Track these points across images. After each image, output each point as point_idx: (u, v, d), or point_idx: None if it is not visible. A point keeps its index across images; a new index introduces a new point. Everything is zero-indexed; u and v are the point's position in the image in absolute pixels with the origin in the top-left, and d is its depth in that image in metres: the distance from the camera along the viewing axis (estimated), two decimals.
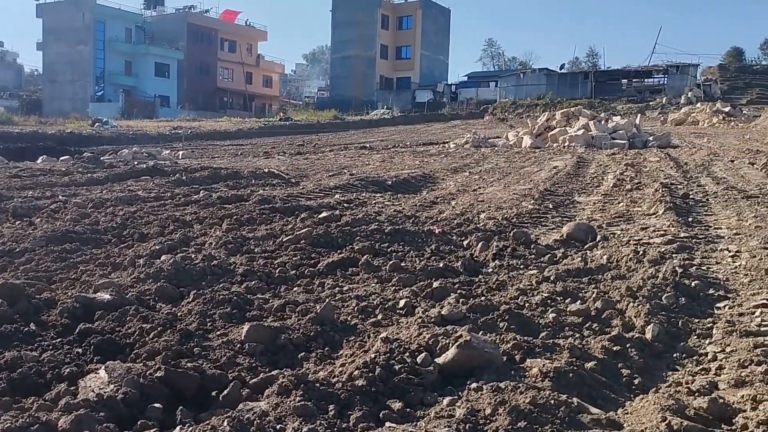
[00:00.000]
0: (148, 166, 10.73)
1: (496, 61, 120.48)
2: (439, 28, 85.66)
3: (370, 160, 15.07)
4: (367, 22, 79.44)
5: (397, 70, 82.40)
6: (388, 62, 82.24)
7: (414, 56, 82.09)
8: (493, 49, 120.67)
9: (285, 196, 7.50)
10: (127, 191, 7.90)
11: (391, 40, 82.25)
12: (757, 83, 56.19)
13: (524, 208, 7.01)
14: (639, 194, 8.11)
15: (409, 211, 6.95)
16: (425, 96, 74.83)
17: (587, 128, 20.33)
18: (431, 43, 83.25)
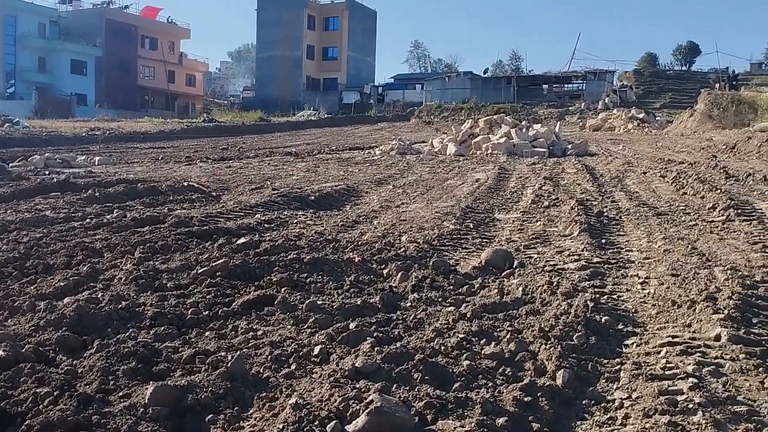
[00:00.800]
0: (59, 179, 10.28)
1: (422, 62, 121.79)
2: (366, 30, 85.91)
3: (294, 169, 14.91)
4: (293, 23, 78.96)
5: (324, 71, 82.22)
6: (315, 63, 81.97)
7: (341, 57, 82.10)
8: (419, 50, 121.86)
9: (203, 217, 7.31)
10: (35, 211, 7.54)
11: (317, 41, 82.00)
12: (670, 88, 58.81)
13: (446, 228, 7.05)
14: (556, 212, 8.28)
15: (331, 232, 6.88)
16: (352, 97, 74.96)
17: (509, 136, 20.74)
18: (358, 44, 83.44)
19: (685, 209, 8.45)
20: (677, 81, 61.80)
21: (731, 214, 7.69)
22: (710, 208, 8.33)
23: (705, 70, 77.55)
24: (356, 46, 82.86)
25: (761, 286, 4.77)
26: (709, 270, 5.16)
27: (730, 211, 7.87)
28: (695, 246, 6.10)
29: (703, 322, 3.87)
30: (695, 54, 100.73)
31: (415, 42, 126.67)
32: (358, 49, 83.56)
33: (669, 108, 51.57)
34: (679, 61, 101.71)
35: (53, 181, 10.05)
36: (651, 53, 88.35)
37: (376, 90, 79.11)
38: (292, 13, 78.28)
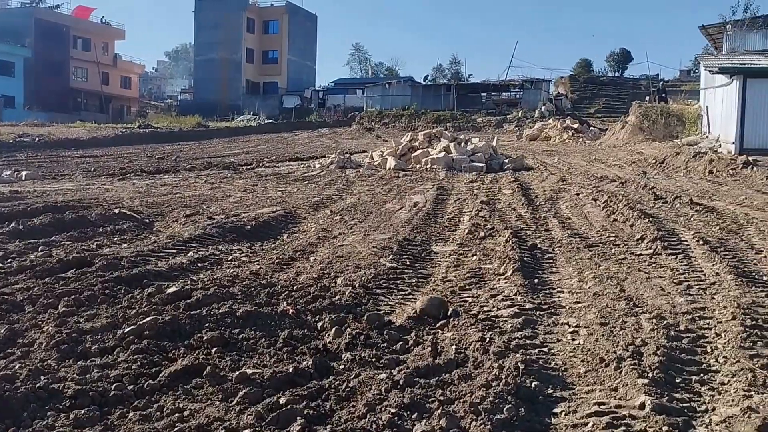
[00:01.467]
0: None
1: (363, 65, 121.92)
2: (307, 34, 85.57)
3: (231, 188, 14.69)
4: (233, 25, 78.10)
5: (264, 75, 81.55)
6: (255, 66, 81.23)
7: (281, 61, 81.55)
8: (360, 53, 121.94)
9: (134, 256, 7.10)
10: None
11: (257, 44, 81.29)
12: (604, 93, 60.53)
13: (382, 266, 7.03)
14: (491, 243, 8.37)
15: (266, 273, 6.79)
16: (293, 102, 74.59)
17: (448, 150, 20.93)
18: (298, 48, 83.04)
19: (615, 240, 8.67)
20: (611, 87, 63.62)
21: (658, 247, 7.93)
22: (639, 239, 8.56)
23: (636, 77, 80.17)
24: (297, 49, 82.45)
25: (685, 337, 4.92)
26: (636, 318, 5.30)
27: (657, 243, 8.11)
28: (623, 287, 6.25)
29: (628, 387, 3.95)
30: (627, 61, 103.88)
31: (355, 45, 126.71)
32: (299, 53, 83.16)
33: (603, 113, 53.07)
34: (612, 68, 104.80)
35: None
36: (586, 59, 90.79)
37: (317, 94, 78.83)
38: (231, 15, 77.34)
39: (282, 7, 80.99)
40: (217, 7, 78.12)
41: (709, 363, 4.47)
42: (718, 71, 20.33)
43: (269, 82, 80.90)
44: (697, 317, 5.37)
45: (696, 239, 8.44)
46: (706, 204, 12.01)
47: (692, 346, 4.74)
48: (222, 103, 72.81)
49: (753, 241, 8.69)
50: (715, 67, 21.03)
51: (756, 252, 8.01)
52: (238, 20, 78.15)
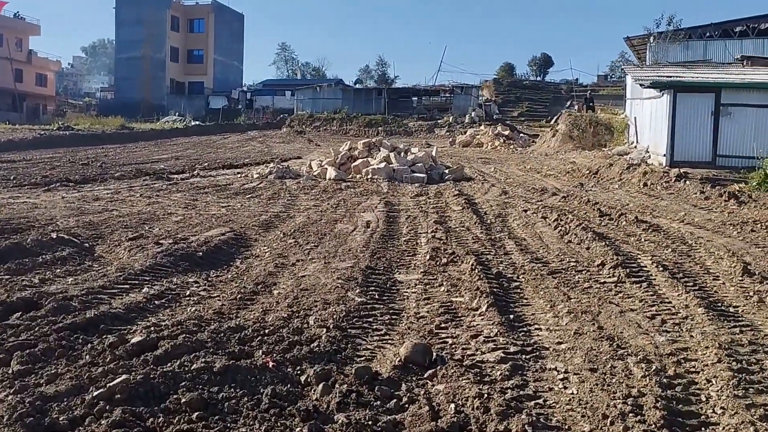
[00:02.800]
0: None
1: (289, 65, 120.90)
2: (233, 33, 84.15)
3: (171, 203, 14.08)
4: (156, 23, 75.96)
5: (189, 74, 79.71)
6: (180, 65, 79.27)
7: (207, 60, 79.87)
8: (287, 53, 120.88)
9: (84, 295, 6.59)
10: None
11: (182, 43, 79.34)
12: (527, 97, 61.90)
13: (351, 302, 6.78)
14: (456, 271, 8.23)
15: (230, 311, 6.43)
16: (220, 102, 73.18)
17: (389, 161, 20.79)
18: (225, 47, 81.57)
19: (576, 266, 8.67)
20: (533, 91, 65.12)
21: (621, 275, 7.96)
22: (599, 264, 8.59)
23: (557, 81, 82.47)
24: (223, 49, 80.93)
25: (677, 384, 4.87)
26: (623, 362, 5.23)
27: (619, 270, 8.15)
28: (600, 324, 6.19)
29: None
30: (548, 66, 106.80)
31: (282, 45, 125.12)
32: (226, 53, 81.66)
33: (526, 116, 54.25)
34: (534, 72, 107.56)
35: None
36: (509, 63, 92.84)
37: (244, 95, 77.53)
38: (155, 12, 75.18)
39: (208, 6, 79.34)
40: (140, 4, 75.77)
41: (707, 415, 4.42)
42: (650, 85, 20.92)
43: (195, 82, 79.11)
44: (682, 359, 5.35)
45: (654, 264, 8.54)
46: (651, 222, 12.25)
47: (687, 395, 4.69)
48: (145, 103, 70.68)
49: (707, 264, 8.87)
50: (646, 80, 21.63)
51: (713, 278, 8.15)
52: (162, 18, 76.06)
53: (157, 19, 75.48)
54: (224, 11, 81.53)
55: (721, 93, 19.76)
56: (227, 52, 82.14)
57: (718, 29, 34.54)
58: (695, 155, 19.94)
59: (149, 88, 75.09)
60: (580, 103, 39.21)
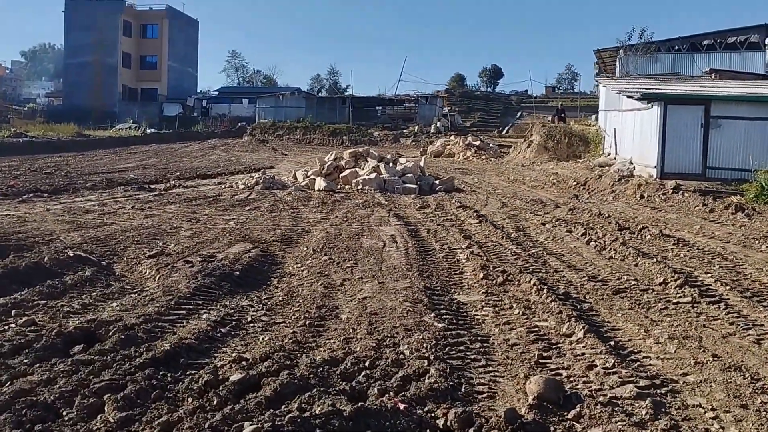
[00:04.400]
0: None
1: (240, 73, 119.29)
2: (188, 39, 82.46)
3: (168, 215, 13.27)
4: (107, 28, 73.75)
5: (142, 81, 77.64)
6: (132, 71, 77.17)
7: (161, 67, 77.97)
8: (237, 60, 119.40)
9: (143, 322, 5.87)
10: None
11: (134, 49, 77.26)
12: (479, 108, 62.17)
13: (432, 327, 6.24)
14: (518, 292, 7.77)
15: (306, 339, 5.84)
16: (174, 109, 71.50)
17: (379, 171, 20.27)
18: (179, 54, 79.77)
19: (636, 284, 8.30)
20: (484, 101, 65.46)
21: (694, 295, 7.62)
22: (661, 283, 8.25)
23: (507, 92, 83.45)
24: (177, 55, 79.07)
25: None
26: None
27: (688, 290, 7.81)
28: (713, 351, 5.81)
29: None
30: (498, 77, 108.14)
31: (232, 52, 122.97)
32: (180, 59, 79.82)
33: (478, 126, 54.34)
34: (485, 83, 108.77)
35: None
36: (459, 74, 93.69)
37: (200, 103, 75.92)
38: (107, 17, 72.99)
39: (162, 11, 77.46)
40: (91, 8, 73.58)
41: None
42: (641, 97, 20.93)
43: (148, 89, 77.08)
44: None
45: (716, 282, 8.25)
46: (675, 236, 12.02)
47: None
48: (96, 110, 68.39)
49: (765, 282, 8.61)
50: (635, 92, 21.66)
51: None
52: (114, 23, 73.90)
53: (108, 24, 73.30)
54: (179, 17, 79.84)
55: (710, 105, 19.88)
56: (181, 59, 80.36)
57: (686, 43, 35.21)
58: (685, 167, 20.00)
59: (100, 94, 72.81)
60: (552, 115, 39.42)
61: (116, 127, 59.92)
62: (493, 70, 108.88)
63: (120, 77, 74.64)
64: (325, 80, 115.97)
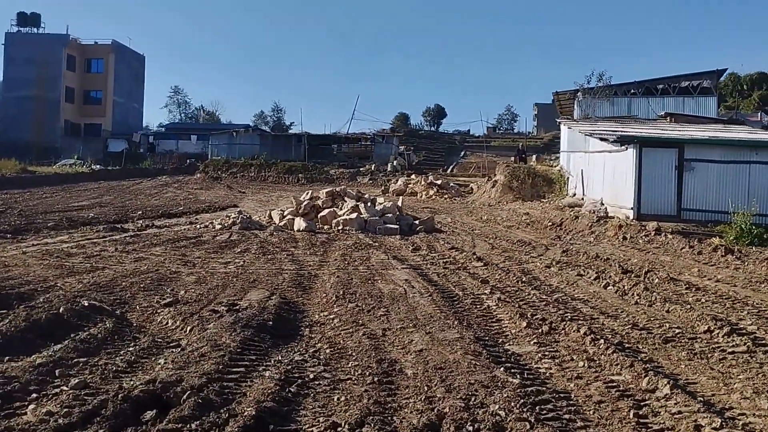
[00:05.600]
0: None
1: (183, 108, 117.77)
2: (134, 74, 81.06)
3: (160, 259, 12.58)
4: (50, 62, 71.69)
5: (86, 116, 75.63)
6: (75, 106, 75.09)
7: (105, 102, 76.16)
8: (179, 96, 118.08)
9: (208, 382, 5.32)
10: None
11: (78, 83, 75.28)
12: (423, 146, 62.75)
13: (509, 384, 5.87)
14: (570, 342, 7.49)
15: (384, 399, 5.40)
16: (120, 145, 69.90)
17: (359, 211, 19.93)
18: (125, 89, 78.22)
19: (680, 332, 8.13)
20: (428, 140, 66.19)
21: (748, 344, 7.48)
22: (706, 331, 8.10)
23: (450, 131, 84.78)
24: (123, 90, 77.46)
25: None
26: None
27: (737, 338, 7.68)
28: None
29: None
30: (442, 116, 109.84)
31: (174, 87, 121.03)
32: (125, 95, 78.20)
33: (424, 165, 54.73)
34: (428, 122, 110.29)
35: None
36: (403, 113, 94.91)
37: (146, 139, 74.32)
38: (49, 51, 71.05)
39: (108, 46, 75.99)
40: (33, 42, 71.73)
41: None
42: (616, 140, 21.28)
43: (92, 124, 75.04)
44: None
45: (759, 329, 8.16)
46: (680, 279, 12.02)
47: None
48: (37, 145, 66.22)
49: None
50: (611, 135, 22.03)
51: None
52: (58, 57, 72.01)
53: (51, 58, 71.37)
54: (125, 52, 78.44)
55: (684, 148, 20.34)
56: (127, 94, 78.74)
57: (641, 87, 36.34)
58: (660, 208, 20.32)
59: (41, 129, 70.56)
60: (514, 155, 39.92)
61: (60, 163, 57.94)
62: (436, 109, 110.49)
63: (63, 112, 72.55)
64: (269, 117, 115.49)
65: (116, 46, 76.91)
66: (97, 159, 62.17)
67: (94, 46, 76.55)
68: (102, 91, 75.97)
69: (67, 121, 73.48)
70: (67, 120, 73.57)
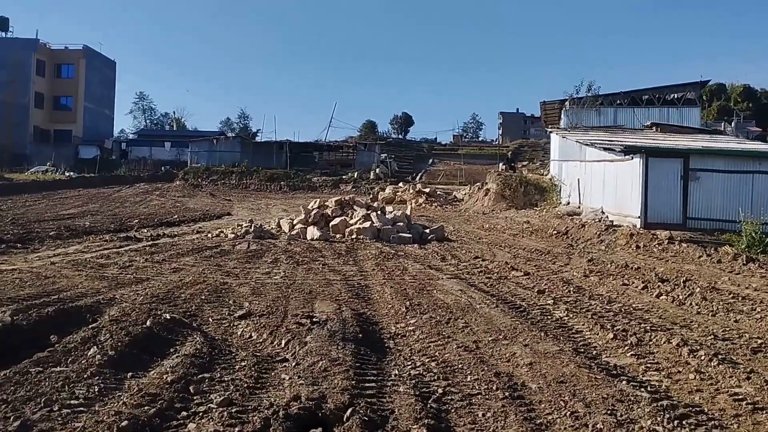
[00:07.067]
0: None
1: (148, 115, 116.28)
2: (105, 80, 79.72)
3: (199, 269, 12.28)
4: (19, 67, 70.04)
5: (56, 122, 74.05)
6: (45, 112, 73.41)
7: (76, 108, 74.64)
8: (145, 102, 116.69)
9: (351, 397, 5.16)
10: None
11: (48, 89, 73.68)
12: (392, 154, 62.82)
13: (642, 397, 5.81)
14: (666, 353, 7.48)
15: (522, 413, 5.29)
16: (91, 152, 68.65)
17: (371, 220, 19.79)
18: (95, 95, 76.80)
19: (764, 342, 8.18)
20: (396, 148, 66.36)
21: None
22: None
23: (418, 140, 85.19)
24: (94, 96, 76.05)
25: None
26: None
27: None
28: None
29: None
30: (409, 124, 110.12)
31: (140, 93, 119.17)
32: (96, 101, 76.78)
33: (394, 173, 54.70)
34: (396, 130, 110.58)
35: None
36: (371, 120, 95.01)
37: (119, 145, 73.07)
38: (18, 56, 69.40)
39: (79, 51, 74.58)
40: (1, 46, 69.96)
41: None
42: (624, 150, 21.53)
43: (62, 130, 73.42)
44: None
45: None
46: (720, 288, 12.13)
47: None
48: (6, 151, 64.47)
49: None
50: (618, 145, 22.29)
51: None
52: (27, 61, 70.37)
53: (20, 63, 69.70)
54: (96, 57, 77.11)
55: (689, 158, 20.68)
56: (98, 100, 77.32)
57: (627, 97, 36.94)
58: (666, 217, 20.60)
59: (10, 135, 68.77)
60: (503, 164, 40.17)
61: (32, 169, 56.56)
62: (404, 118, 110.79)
63: (32, 118, 70.88)
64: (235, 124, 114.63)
65: (87, 51, 75.54)
66: (69, 166, 60.85)
67: (64, 51, 75.06)
68: (72, 96, 74.46)
69: (36, 127, 71.84)
70: (37, 126, 71.94)
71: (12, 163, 59.06)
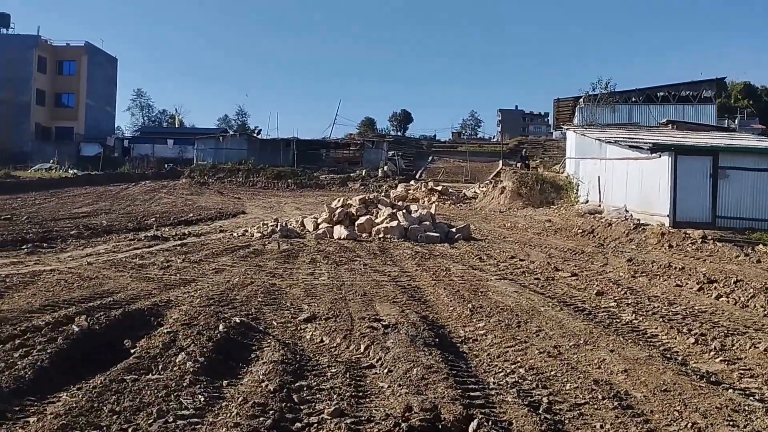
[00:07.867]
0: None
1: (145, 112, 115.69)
2: (106, 77, 79.18)
3: (240, 269, 12.00)
4: (20, 64, 69.48)
5: (57, 120, 73.48)
6: (46, 110, 72.89)
7: (78, 105, 74.06)
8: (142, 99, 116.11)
9: (464, 408, 4.90)
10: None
11: (49, 86, 73.12)
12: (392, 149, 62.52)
13: (755, 407, 5.58)
14: (757, 359, 7.23)
15: (648, 424, 5.04)
16: (93, 150, 68.20)
17: (397, 219, 19.52)
18: (98, 92, 76.24)
19: None
20: (396, 145, 65.99)
21: None
22: None
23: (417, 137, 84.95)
24: (96, 94, 75.49)
25: None
26: None
27: None
28: None
29: None
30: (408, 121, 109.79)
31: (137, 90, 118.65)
32: (98, 98, 76.23)
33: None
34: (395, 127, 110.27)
35: None
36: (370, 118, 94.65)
37: (121, 143, 72.64)
38: (19, 52, 68.83)
39: (81, 48, 74.03)
40: (1, 43, 69.37)
41: None
42: (652, 147, 21.28)
43: (63, 128, 72.89)
44: None
45: None
46: None
47: None
48: (6, 149, 63.97)
49: None
50: (645, 144, 22.03)
51: None
52: (28, 58, 69.80)
53: (21, 60, 69.13)
54: (98, 54, 76.54)
55: (718, 156, 20.44)
56: (100, 97, 76.78)
57: (642, 94, 36.71)
58: (695, 216, 20.36)
59: (11, 133, 68.25)
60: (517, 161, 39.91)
61: (35, 167, 56.11)
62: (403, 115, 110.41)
63: (33, 115, 70.39)
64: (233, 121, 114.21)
65: (89, 47, 75.02)
66: (72, 163, 60.40)
67: (66, 47, 74.54)
68: (74, 93, 73.92)
69: (37, 124, 71.33)
70: (38, 123, 71.42)
71: (14, 161, 58.62)
